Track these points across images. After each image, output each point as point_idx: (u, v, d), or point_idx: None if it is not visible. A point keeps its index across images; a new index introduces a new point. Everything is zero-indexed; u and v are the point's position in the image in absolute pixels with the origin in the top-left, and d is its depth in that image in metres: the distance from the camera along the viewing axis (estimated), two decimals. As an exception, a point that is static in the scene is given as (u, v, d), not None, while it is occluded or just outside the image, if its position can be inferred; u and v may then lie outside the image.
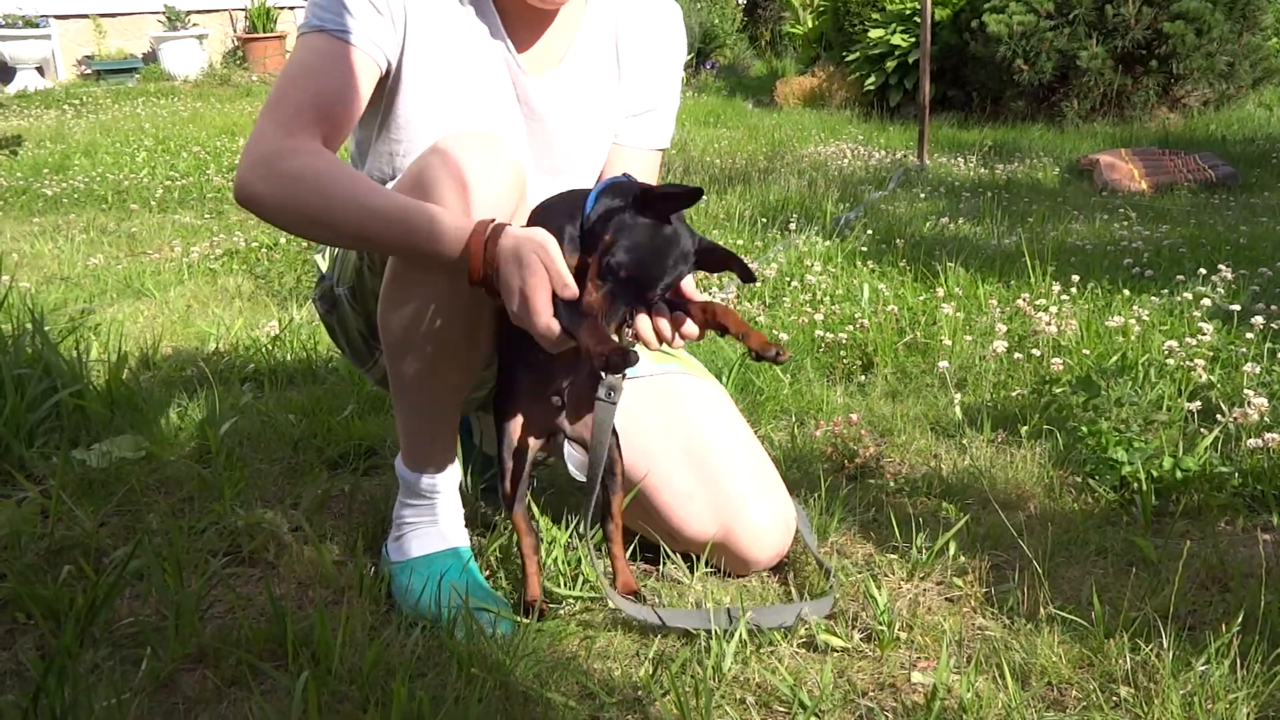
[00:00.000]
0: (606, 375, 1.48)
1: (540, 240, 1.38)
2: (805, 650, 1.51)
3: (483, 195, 1.44)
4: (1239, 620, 1.45)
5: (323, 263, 1.85)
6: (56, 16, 11.59)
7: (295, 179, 1.45)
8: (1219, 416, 2.18)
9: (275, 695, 1.39)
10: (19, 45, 11.19)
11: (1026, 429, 2.27)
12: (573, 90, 1.72)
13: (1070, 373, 2.50)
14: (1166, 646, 1.42)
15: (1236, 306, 2.86)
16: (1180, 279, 3.29)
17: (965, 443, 2.26)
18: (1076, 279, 3.30)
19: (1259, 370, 2.41)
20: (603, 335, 1.38)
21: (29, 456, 2.13)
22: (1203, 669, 1.38)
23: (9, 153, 4.36)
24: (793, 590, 1.69)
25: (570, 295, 1.37)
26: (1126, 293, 3.22)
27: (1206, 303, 2.94)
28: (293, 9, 12.23)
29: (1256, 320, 2.69)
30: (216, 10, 12.30)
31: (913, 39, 8.45)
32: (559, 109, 1.71)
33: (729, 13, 13.77)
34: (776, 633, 1.52)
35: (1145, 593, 1.62)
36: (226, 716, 1.38)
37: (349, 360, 1.91)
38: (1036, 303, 3.10)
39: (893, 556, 1.76)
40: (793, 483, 1.96)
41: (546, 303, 1.38)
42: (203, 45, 12.00)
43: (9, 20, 11.07)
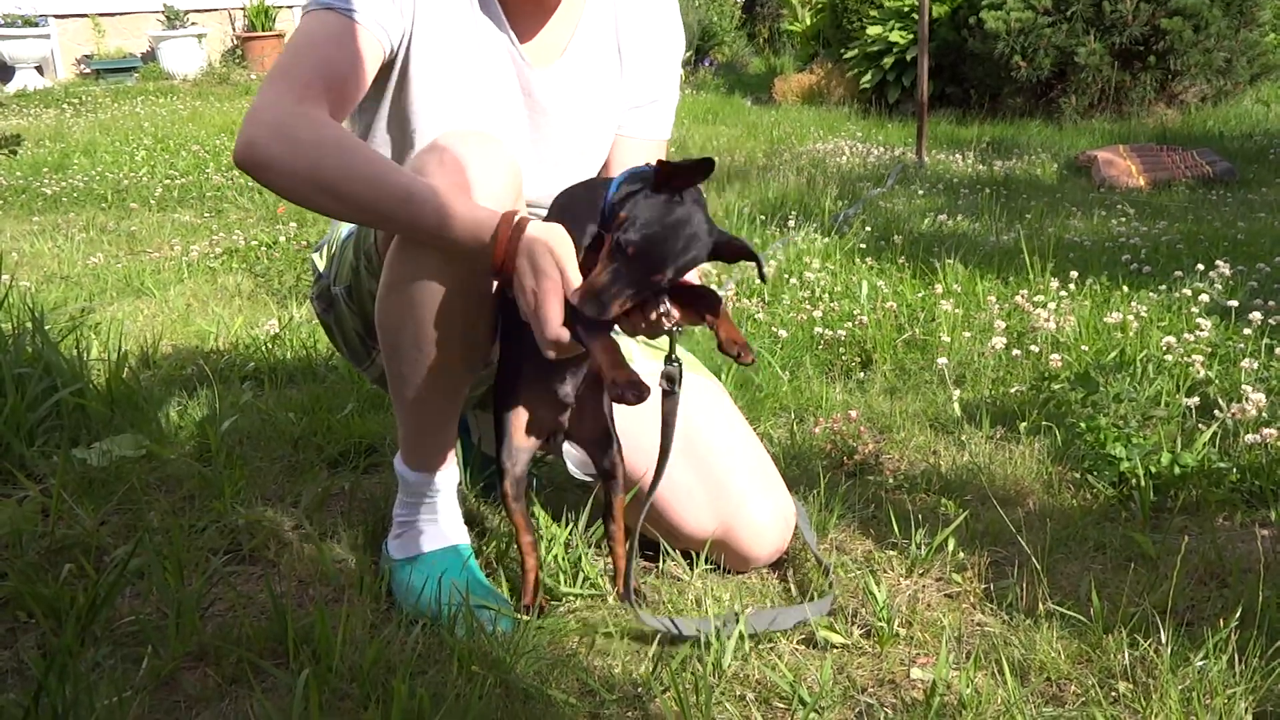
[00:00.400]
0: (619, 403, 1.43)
1: (553, 241, 1.37)
2: (805, 646, 1.52)
3: (483, 194, 1.44)
4: (1237, 615, 1.45)
5: (320, 261, 1.85)
6: (56, 16, 11.59)
7: (313, 145, 1.42)
8: (1217, 412, 2.18)
9: (276, 693, 1.40)
10: (18, 44, 11.19)
11: (1025, 425, 2.27)
12: (576, 82, 1.72)
13: (1069, 369, 2.50)
14: (1165, 642, 1.42)
15: (1234, 302, 2.87)
16: (1178, 275, 3.29)
17: (964, 439, 2.27)
18: (1075, 275, 3.30)
19: (1257, 366, 2.41)
20: (617, 359, 1.36)
21: (29, 455, 2.14)
22: (1201, 664, 1.38)
23: (8, 152, 4.36)
24: (792, 587, 1.70)
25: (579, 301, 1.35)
26: (1125, 289, 3.22)
27: (1204, 298, 2.94)
28: (291, 8, 12.23)
29: (1254, 316, 2.70)
30: (215, 9, 12.30)
31: (911, 36, 8.44)
32: (562, 101, 1.71)
33: (727, 10, 13.77)
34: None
35: (1144, 588, 1.62)
36: (227, 714, 1.38)
37: (346, 359, 1.91)
38: (1035, 299, 3.11)
39: (892, 553, 1.76)
40: (792, 479, 1.96)
41: (557, 309, 1.37)
42: (202, 44, 12.00)
43: (8, 19, 11.07)
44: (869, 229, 4.36)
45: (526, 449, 1.57)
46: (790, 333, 2.91)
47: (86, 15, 11.81)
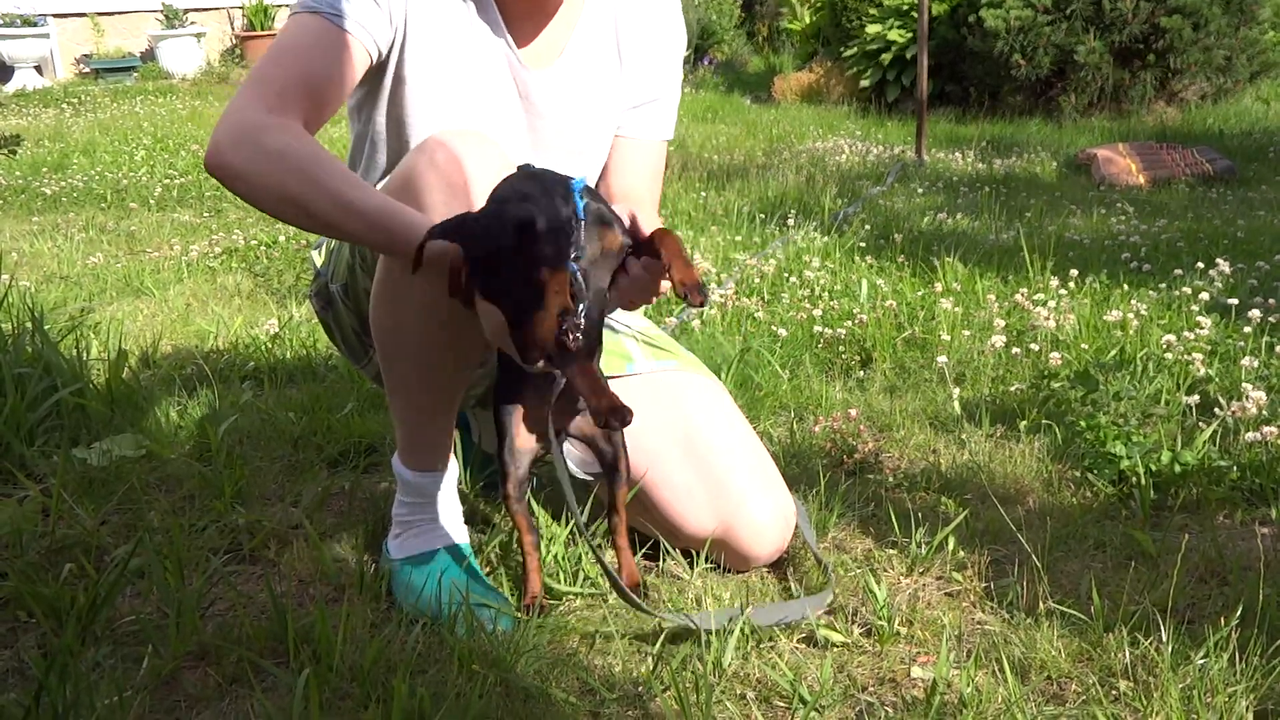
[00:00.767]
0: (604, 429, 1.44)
1: None
2: (805, 645, 1.52)
3: (479, 192, 1.43)
4: (1238, 614, 1.45)
5: (318, 258, 1.84)
6: (55, 15, 11.59)
7: (278, 156, 1.41)
8: (1217, 410, 2.18)
9: (276, 692, 1.40)
10: (17, 44, 11.19)
11: (1025, 423, 2.27)
12: (574, 84, 1.71)
13: (1068, 367, 2.50)
14: (1165, 640, 1.42)
15: (1234, 300, 2.87)
16: (1178, 273, 3.29)
17: (964, 438, 2.26)
18: (1075, 273, 3.30)
19: (1257, 364, 2.41)
20: (597, 385, 1.36)
21: (29, 455, 2.14)
22: (1202, 662, 1.38)
23: (8, 152, 4.37)
24: (792, 586, 1.70)
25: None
26: (1125, 287, 3.22)
27: (1204, 297, 2.94)
28: (290, 7, 12.22)
29: (1254, 314, 2.69)
30: (214, 9, 12.29)
31: (910, 34, 8.44)
32: (560, 103, 1.71)
33: (727, 8, 13.76)
34: (776, 628, 1.53)
35: (1144, 587, 1.62)
36: (228, 714, 1.38)
37: (345, 357, 1.91)
38: (1035, 297, 3.11)
39: (892, 551, 1.76)
40: (792, 478, 1.96)
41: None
42: (201, 43, 12.00)
43: (7, 19, 11.07)
44: (868, 227, 4.36)
45: (528, 450, 1.57)
46: (790, 331, 2.91)
47: (85, 15, 11.80)
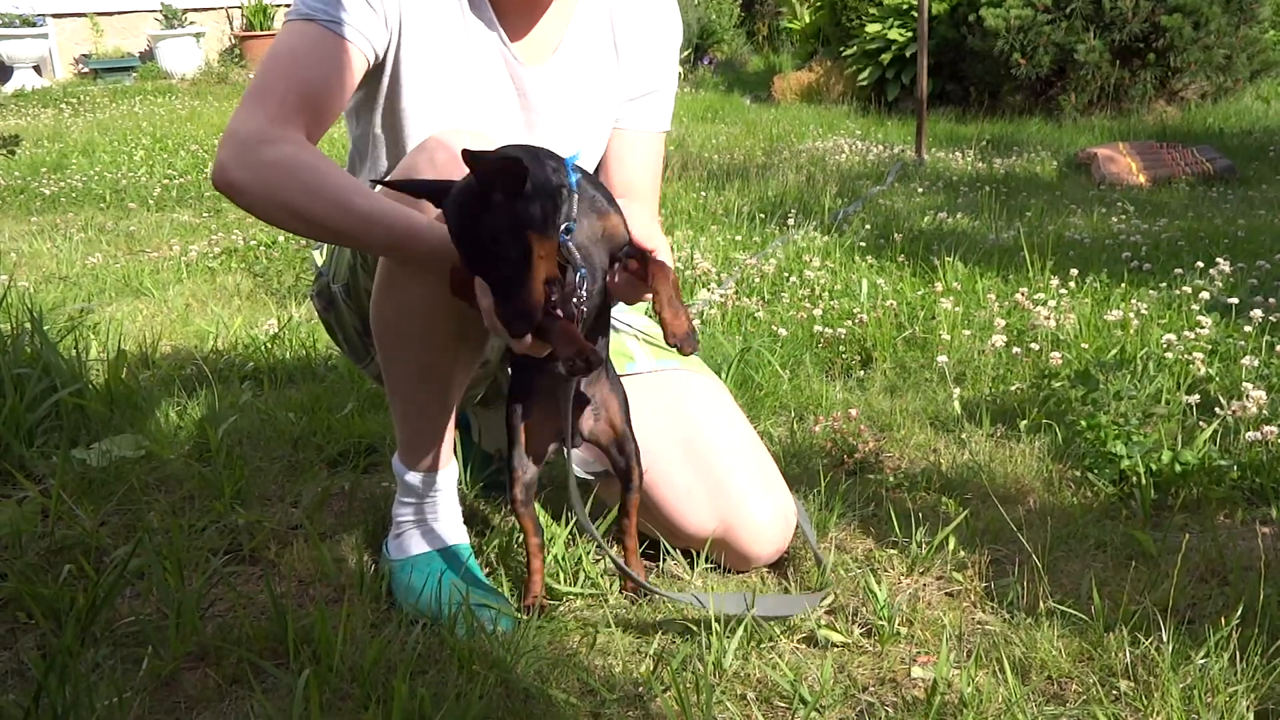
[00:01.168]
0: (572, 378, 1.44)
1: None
2: (805, 646, 1.52)
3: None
4: (1238, 613, 1.45)
5: (319, 258, 1.84)
6: (54, 15, 11.58)
7: (281, 169, 1.42)
8: (1218, 410, 2.18)
9: (276, 693, 1.40)
10: (16, 44, 11.18)
11: (1025, 423, 2.27)
12: (570, 78, 1.71)
13: (1069, 367, 2.50)
14: (1166, 640, 1.42)
15: (1235, 300, 2.86)
16: (1178, 272, 3.29)
17: (964, 437, 2.26)
18: (1075, 273, 3.30)
19: (1257, 363, 2.41)
20: (571, 336, 1.34)
21: (29, 456, 2.13)
22: (1202, 662, 1.38)
23: (7, 152, 4.37)
24: (793, 586, 1.69)
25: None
26: (1125, 286, 3.22)
27: (1205, 296, 2.94)
28: (289, 7, 12.22)
29: (1255, 313, 2.70)
30: (213, 8, 12.29)
31: (910, 33, 8.44)
32: (556, 98, 1.71)
33: (726, 8, 13.76)
34: (776, 628, 1.53)
35: (1144, 586, 1.62)
36: (228, 715, 1.38)
37: (346, 357, 1.91)
38: (1035, 297, 3.11)
39: (892, 551, 1.76)
40: (792, 478, 1.96)
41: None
42: (200, 43, 11.99)
43: (6, 19, 11.06)
44: (869, 227, 4.35)
45: (538, 454, 1.57)
46: (790, 331, 2.91)
47: (84, 15, 11.80)
